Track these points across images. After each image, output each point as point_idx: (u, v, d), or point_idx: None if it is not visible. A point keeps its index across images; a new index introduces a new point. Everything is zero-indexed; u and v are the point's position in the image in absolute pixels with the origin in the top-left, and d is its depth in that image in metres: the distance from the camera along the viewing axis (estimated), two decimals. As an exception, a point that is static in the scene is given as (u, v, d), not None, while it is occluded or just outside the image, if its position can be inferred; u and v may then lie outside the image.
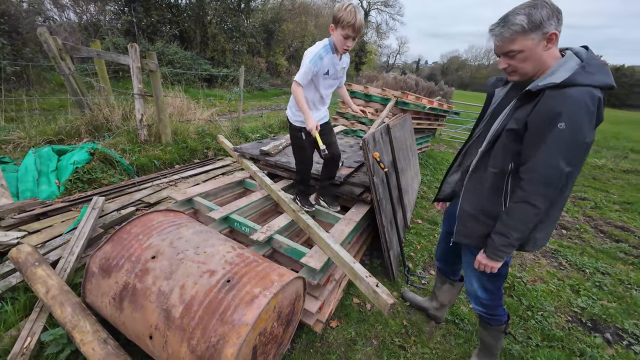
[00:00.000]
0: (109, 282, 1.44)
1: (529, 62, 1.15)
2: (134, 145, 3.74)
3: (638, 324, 2.30)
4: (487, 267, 1.33)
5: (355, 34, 1.74)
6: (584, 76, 1.08)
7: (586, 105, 1.05)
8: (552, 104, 1.09)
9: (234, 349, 1.12)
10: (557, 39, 1.12)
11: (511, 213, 1.22)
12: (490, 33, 1.19)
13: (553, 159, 1.11)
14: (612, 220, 4.44)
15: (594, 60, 1.13)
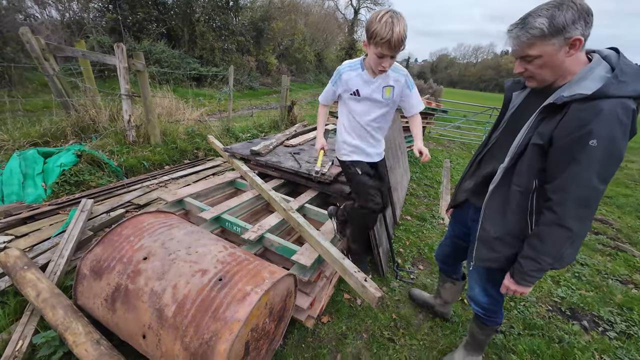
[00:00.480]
0: (100, 284, 1.45)
1: (547, 68, 1.06)
2: (122, 146, 3.70)
3: (613, 311, 2.43)
4: (516, 292, 1.25)
5: (393, 53, 1.38)
6: (617, 87, 0.97)
7: (619, 120, 0.96)
8: (582, 118, 0.99)
9: (226, 344, 1.16)
10: (581, 45, 1.00)
11: (543, 237, 1.12)
12: (508, 34, 1.09)
13: (587, 179, 1.00)
14: (592, 213, 4.62)
15: (627, 66, 1.01)
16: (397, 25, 1.33)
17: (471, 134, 9.54)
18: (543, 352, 1.95)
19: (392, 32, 1.32)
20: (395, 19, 1.33)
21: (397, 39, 1.34)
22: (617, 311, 2.44)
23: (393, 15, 1.34)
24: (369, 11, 42.78)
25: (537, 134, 1.10)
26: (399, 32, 1.33)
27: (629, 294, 2.67)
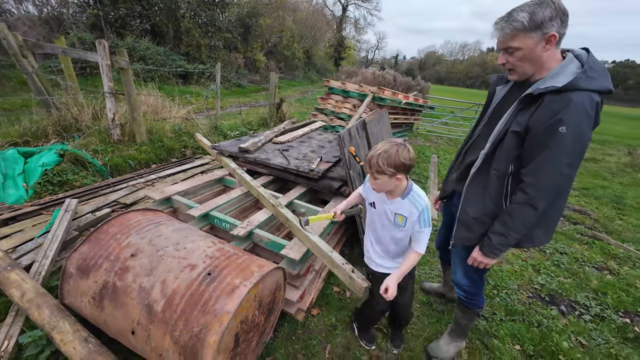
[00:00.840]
0: (87, 282, 1.45)
1: (526, 61, 1.16)
2: (106, 145, 3.63)
3: (589, 296, 2.56)
4: (481, 264, 1.40)
5: (372, 170, 1.28)
6: (585, 81, 1.08)
7: (586, 110, 1.07)
8: (553, 108, 1.10)
9: (216, 336, 1.18)
10: (556, 41, 1.11)
11: (513, 215, 1.24)
12: (495, 27, 1.19)
13: (557, 162, 1.12)
14: (571, 204, 4.81)
15: (595, 64, 1.13)
16: (377, 149, 1.25)
17: (458, 129, 9.74)
18: (523, 335, 2.04)
19: (371, 154, 1.26)
20: (384, 145, 1.24)
21: (370, 162, 1.25)
22: (592, 296, 2.57)
23: (387, 143, 1.25)
24: (357, 8, 42.83)
25: (515, 122, 1.21)
26: (372, 156, 1.24)
27: (603, 279, 2.81)
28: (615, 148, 10.37)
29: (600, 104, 1.12)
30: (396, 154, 1.21)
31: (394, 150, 1.22)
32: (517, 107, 1.24)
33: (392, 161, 1.22)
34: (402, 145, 1.23)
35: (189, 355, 1.20)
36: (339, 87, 5.47)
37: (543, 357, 1.91)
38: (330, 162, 3.02)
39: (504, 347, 1.93)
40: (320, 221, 1.55)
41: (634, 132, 16.39)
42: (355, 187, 2.34)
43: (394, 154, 1.21)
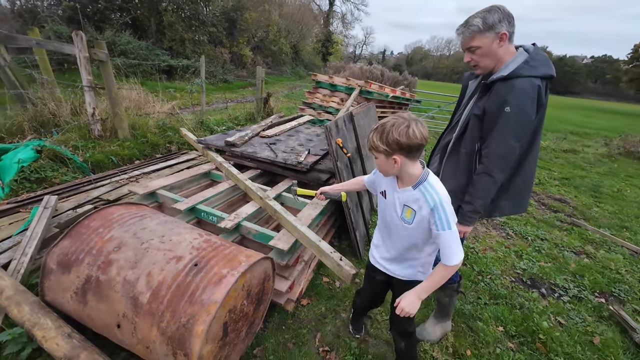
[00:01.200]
0: (69, 277, 1.41)
1: (486, 57, 1.40)
2: (87, 141, 3.51)
3: (567, 279, 2.67)
4: (460, 233, 1.47)
5: (368, 145, 1.18)
6: (526, 69, 1.33)
7: (527, 92, 1.31)
8: (500, 93, 1.35)
9: (204, 326, 1.18)
10: (507, 37, 1.36)
11: (475, 184, 1.46)
12: (457, 32, 1.45)
13: (504, 137, 1.36)
14: (552, 194, 4.99)
15: (538, 55, 1.37)
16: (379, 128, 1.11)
17: (444, 123, 9.90)
18: (506, 317, 2.12)
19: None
20: (385, 120, 1.11)
21: (369, 136, 1.15)
22: (571, 279, 2.69)
23: (391, 118, 1.10)
24: (344, 3, 42.62)
25: (476, 107, 1.46)
26: (371, 129, 1.14)
27: (581, 263, 2.94)
28: (593, 140, 10.78)
29: (542, 87, 1.34)
30: (390, 129, 1.05)
31: (389, 125, 1.06)
32: (478, 95, 1.50)
33: (384, 137, 1.06)
34: (405, 120, 1.05)
35: (177, 346, 1.19)
36: (326, 80, 5.45)
37: (524, 336, 1.99)
38: (318, 154, 3.03)
39: (488, 328, 2.00)
40: (305, 194, 1.64)
41: (610, 125, 17.07)
42: (342, 179, 2.36)
43: (387, 128, 1.06)
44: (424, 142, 1.07)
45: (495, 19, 1.32)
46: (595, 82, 64.87)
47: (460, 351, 1.83)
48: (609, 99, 55.29)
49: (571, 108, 27.90)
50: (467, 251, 2.89)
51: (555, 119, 16.97)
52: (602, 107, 36.47)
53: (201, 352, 1.17)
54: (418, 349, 1.80)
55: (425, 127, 1.07)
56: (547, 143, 9.00)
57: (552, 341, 1.95)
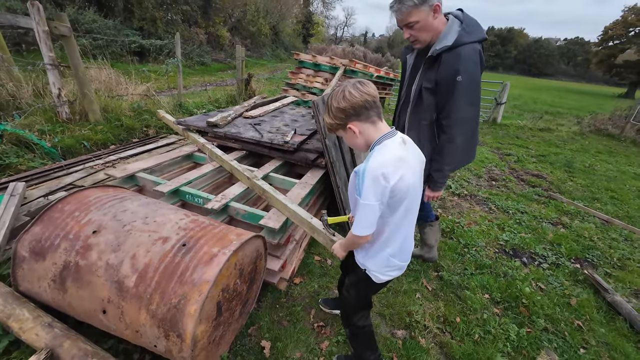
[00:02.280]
0: (44, 264, 1.31)
1: (424, 30, 1.44)
2: (54, 125, 3.24)
3: (546, 248, 2.81)
4: (433, 198, 1.80)
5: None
6: (466, 36, 1.41)
7: (472, 59, 1.42)
8: (449, 63, 1.43)
9: (196, 305, 1.13)
10: (440, 9, 1.42)
11: (441, 152, 1.61)
12: (391, 10, 1.43)
13: (461, 105, 1.47)
14: (530, 170, 5.19)
15: (470, 20, 1.47)
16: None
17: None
18: (491, 285, 2.21)
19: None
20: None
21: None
22: (549, 247, 2.83)
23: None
24: (323, -19, 41.11)
25: (426, 80, 1.54)
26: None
27: (558, 232, 3.10)
28: (566, 119, 11.25)
29: (481, 51, 1.46)
30: (331, 102, 1.03)
31: (329, 98, 1.04)
32: (424, 68, 1.56)
33: (330, 111, 1.04)
34: (341, 86, 1.01)
35: (169, 327, 1.14)
36: (309, 60, 5.29)
37: (508, 302, 2.08)
38: (305, 134, 2.95)
39: (475, 296, 2.08)
40: (337, 222, 1.42)
41: (579, 105, 17.84)
42: (331, 157, 2.31)
43: (329, 102, 1.04)
44: (369, 99, 0.99)
45: None
46: (568, 64, 67.25)
47: (450, 319, 1.89)
48: (580, 81, 57.65)
49: (545, 89, 28.88)
50: (453, 226, 2.97)
51: (530, 99, 17.53)
52: (572, 88, 38.03)
53: (195, 332, 1.13)
54: (409, 319, 1.85)
55: (366, 85, 1.00)
56: (524, 122, 9.30)
57: (533, 305, 2.05)
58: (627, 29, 32.16)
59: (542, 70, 64.02)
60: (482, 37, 1.45)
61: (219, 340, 1.36)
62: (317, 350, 1.61)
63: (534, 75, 60.12)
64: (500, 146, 6.66)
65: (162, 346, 1.19)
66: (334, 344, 1.65)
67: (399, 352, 1.65)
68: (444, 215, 3.25)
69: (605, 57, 34.96)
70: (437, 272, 2.33)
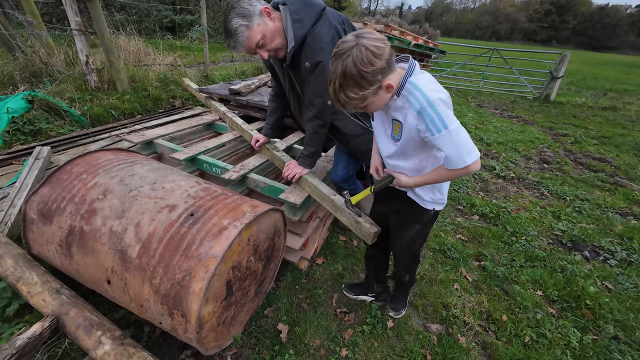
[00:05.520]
0: (51, 228, 1.23)
1: (274, 38, 1.28)
2: (83, 93, 3.26)
3: (613, 242, 2.38)
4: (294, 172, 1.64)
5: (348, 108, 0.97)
6: (301, 27, 1.27)
7: (323, 48, 1.29)
8: (303, 60, 1.32)
9: (202, 283, 0.98)
10: (270, 9, 1.27)
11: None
12: (230, 47, 1.27)
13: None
14: (591, 153, 4.51)
15: (293, 6, 1.28)
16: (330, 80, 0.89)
17: (467, 80, 9.07)
18: (546, 281, 1.88)
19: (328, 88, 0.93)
20: (333, 67, 0.86)
21: (332, 96, 0.92)
22: (617, 241, 2.40)
23: (336, 60, 0.86)
24: (358, -52, 38.32)
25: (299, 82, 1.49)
26: (331, 91, 0.91)
27: (629, 224, 2.62)
28: (636, 96, 9.72)
29: (334, 30, 1.35)
30: (358, 69, 0.81)
31: (350, 68, 0.82)
32: (293, 73, 1.47)
33: (361, 80, 0.83)
34: (349, 49, 0.82)
35: (173, 305, 1.02)
36: (340, 27, 4.87)
37: (568, 302, 1.76)
38: (333, 103, 2.68)
39: (526, 292, 1.78)
40: (360, 198, 1.37)
41: (653, 82, 15.39)
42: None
43: (354, 71, 0.82)
44: (386, 40, 0.87)
45: (245, 5, 1.20)
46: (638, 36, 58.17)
47: (494, 316, 1.63)
48: (652, 55, 49.83)
49: (607, 64, 25.29)
50: (498, 210, 2.61)
51: (589, 75, 15.42)
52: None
53: (200, 313, 0.99)
54: (446, 313, 1.61)
55: (371, 31, 0.87)
56: (583, 100, 8.16)
57: (600, 307, 1.72)
58: None
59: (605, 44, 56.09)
60: (316, 18, 1.29)
61: (230, 321, 1.23)
62: (338, 339, 1.44)
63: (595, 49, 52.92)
64: (553, 125, 5.88)
65: (167, 324, 1.07)
66: (359, 333, 1.47)
67: (434, 349, 1.43)
68: (487, 198, 2.88)
69: (690, 25, 29.51)
70: (478, 262, 2.05)
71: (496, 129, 5.23)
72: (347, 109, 0.95)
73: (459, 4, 77.32)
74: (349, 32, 1.44)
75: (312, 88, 1.40)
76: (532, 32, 62.20)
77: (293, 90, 1.63)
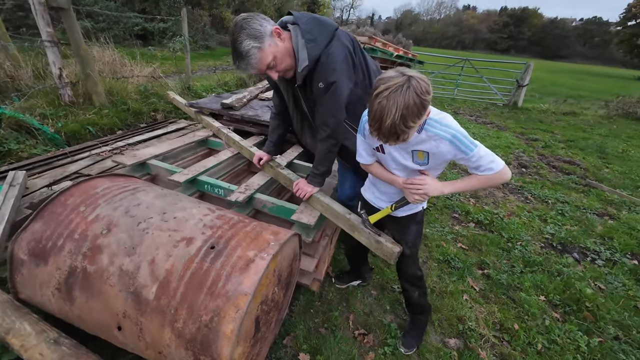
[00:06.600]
0: (47, 269, 1.10)
1: (283, 60, 1.26)
2: (56, 108, 3.01)
3: (597, 242, 2.55)
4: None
5: (388, 142, 0.97)
6: (315, 47, 1.24)
7: (334, 68, 1.28)
8: (320, 84, 1.30)
9: (233, 324, 0.91)
10: (280, 30, 1.23)
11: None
12: (239, 69, 1.24)
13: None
14: (561, 156, 4.85)
15: (307, 25, 1.26)
16: (388, 113, 0.85)
17: (441, 87, 9.50)
18: (547, 286, 1.96)
19: (381, 123, 0.88)
20: (392, 101, 0.84)
21: (387, 131, 0.89)
22: (600, 241, 2.56)
23: (392, 93, 0.85)
24: (329, -41, 39.34)
25: (310, 102, 1.46)
26: (389, 124, 0.87)
27: (607, 224, 2.82)
28: (590, 102, 10.66)
29: (348, 49, 1.34)
30: (418, 98, 0.85)
31: (410, 98, 0.83)
32: (301, 94, 1.46)
33: (419, 109, 0.86)
34: (403, 79, 0.85)
35: (200, 350, 0.93)
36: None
37: (569, 305, 1.84)
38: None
39: (531, 299, 1.84)
40: (379, 218, 1.38)
41: (601, 87, 16.99)
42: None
43: (413, 100, 0.84)
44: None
45: (256, 26, 1.17)
46: (584, 46, 64.22)
47: (506, 325, 1.67)
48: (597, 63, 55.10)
49: (562, 72, 27.64)
50: (492, 217, 2.71)
51: (548, 82, 16.73)
52: (590, 70, 36.37)
53: (232, 356, 0.91)
54: (462, 327, 1.62)
55: (406, 68, 0.92)
56: (547, 106, 8.81)
57: (598, 309, 1.81)
58: (652, 7, 30.31)
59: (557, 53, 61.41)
60: (330, 38, 1.27)
61: (255, 358, 1.15)
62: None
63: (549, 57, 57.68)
64: (524, 131, 6.28)
65: (191, 370, 0.98)
66: (380, 356, 1.44)
67: (456, 365, 1.43)
68: (478, 205, 2.99)
69: (628, 37, 33.22)
70: (482, 270, 2.10)
71: (475, 136, 5.48)
72: (399, 141, 0.93)
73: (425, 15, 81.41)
74: (358, 51, 1.45)
75: (325, 108, 1.38)
76: (493, 42, 66.77)
77: (297, 109, 1.63)
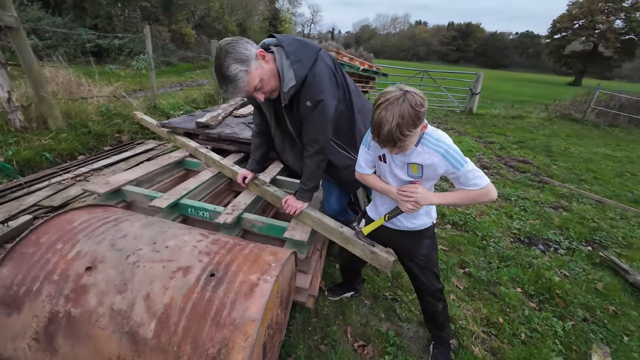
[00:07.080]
0: (21, 318, 0.98)
1: (270, 80, 1.30)
2: (6, 135, 2.73)
3: (556, 233, 2.82)
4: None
5: (389, 149, 1.08)
6: (300, 68, 1.29)
7: (319, 88, 1.33)
8: (303, 101, 1.34)
9: (243, 354, 0.88)
10: (264, 52, 1.28)
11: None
12: (227, 93, 1.27)
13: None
14: (515, 156, 5.32)
15: (291, 46, 1.31)
16: (386, 122, 0.95)
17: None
18: (521, 278, 2.13)
19: (380, 130, 0.98)
20: (389, 111, 0.95)
21: (385, 138, 0.98)
22: (559, 232, 2.84)
23: (389, 105, 0.95)
24: (288, -23, 40.53)
25: (295, 121, 1.48)
26: (386, 131, 0.96)
27: (562, 216, 3.13)
28: (532, 106, 11.90)
29: (331, 68, 1.41)
30: (414, 109, 0.94)
31: (407, 108, 0.94)
32: (286, 113, 1.47)
33: (414, 119, 0.95)
34: (399, 93, 0.95)
35: (208, 386, 0.88)
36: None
37: (542, 294, 2.01)
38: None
39: (510, 292, 1.98)
40: (372, 229, 1.41)
41: (539, 92, 19.09)
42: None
43: (410, 110, 0.94)
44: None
45: (241, 50, 1.20)
46: (521, 56, 71.98)
47: (492, 319, 1.77)
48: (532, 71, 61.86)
49: (505, 80, 30.62)
50: (465, 218, 2.89)
51: (494, 90, 18.43)
52: (528, 78, 40.70)
53: (243, 388, 0.88)
54: (454, 326, 1.70)
55: (404, 86, 1.01)
56: (498, 111, 9.67)
57: (566, 294, 2.00)
58: (572, 22, 34.93)
59: (500, 62, 68.14)
60: (314, 58, 1.32)
61: (261, 386, 1.11)
62: (365, 376, 1.40)
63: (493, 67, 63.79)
64: (481, 135, 6.82)
65: (198, 410, 0.92)
66: (382, 365, 1.46)
67: (453, 365, 1.49)
68: (451, 207, 3.17)
69: (555, 48, 37.84)
70: (463, 269, 2.22)
71: (440, 142, 5.84)
72: (396, 147, 1.02)
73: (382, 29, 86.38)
74: (338, 69, 1.52)
75: (313, 125, 1.42)
76: (444, 53, 72.51)
77: (279, 127, 1.65)
